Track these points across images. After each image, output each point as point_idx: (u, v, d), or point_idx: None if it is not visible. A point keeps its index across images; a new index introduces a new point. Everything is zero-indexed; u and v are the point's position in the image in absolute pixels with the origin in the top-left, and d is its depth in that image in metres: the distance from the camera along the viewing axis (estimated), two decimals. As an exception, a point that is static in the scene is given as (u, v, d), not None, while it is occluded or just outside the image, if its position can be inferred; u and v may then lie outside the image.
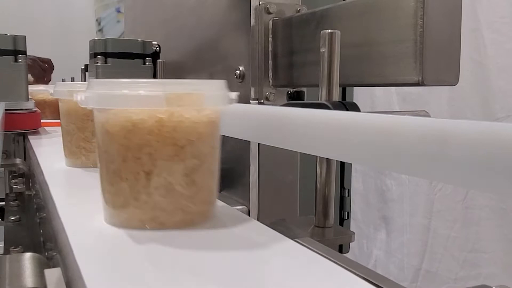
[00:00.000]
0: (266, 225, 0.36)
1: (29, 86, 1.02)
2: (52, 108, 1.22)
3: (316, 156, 0.49)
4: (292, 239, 0.33)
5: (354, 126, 0.29)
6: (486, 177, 0.20)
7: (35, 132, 0.92)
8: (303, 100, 0.70)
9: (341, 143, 0.30)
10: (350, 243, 0.60)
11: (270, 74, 0.73)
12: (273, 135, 0.37)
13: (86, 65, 1.16)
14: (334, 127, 0.31)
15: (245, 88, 0.75)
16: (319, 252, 0.34)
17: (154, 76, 0.93)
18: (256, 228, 0.36)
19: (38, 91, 1.23)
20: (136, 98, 0.33)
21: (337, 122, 0.30)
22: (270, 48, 0.73)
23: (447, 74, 0.51)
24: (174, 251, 0.31)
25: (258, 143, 0.69)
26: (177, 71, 1.00)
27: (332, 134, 0.31)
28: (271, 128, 0.37)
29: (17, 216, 0.80)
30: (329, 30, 0.47)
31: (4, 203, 0.92)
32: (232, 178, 0.80)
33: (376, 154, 0.27)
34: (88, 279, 0.25)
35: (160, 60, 0.90)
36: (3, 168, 0.94)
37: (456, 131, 0.22)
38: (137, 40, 0.96)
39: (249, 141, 0.68)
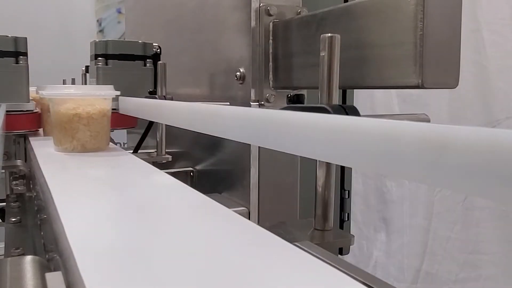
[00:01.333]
0: (266, 228, 0.36)
1: (39, 89, 1.00)
2: (99, 127, 0.66)
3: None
4: (291, 242, 0.33)
5: (354, 130, 0.29)
6: (485, 184, 0.20)
7: (36, 133, 0.92)
8: (303, 104, 0.70)
9: (340, 147, 0.30)
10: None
11: (271, 76, 0.73)
12: (273, 139, 0.37)
13: (87, 67, 1.16)
14: (333, 131, 0.31)
15: (246, 90, 0.75)
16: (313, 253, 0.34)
17: (155, 78, 0.93)
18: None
19: (65, 96, 0.66)
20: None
21: (337, 127, 0.31)
22: (271, 50, 0.73)
23: (447, 77, 0.51)
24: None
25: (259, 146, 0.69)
26: (178, 73, 1.00)
27: (332, 138, 0.31)
28: (271, 132, 0.37)
29: (18, 217, 0.80)
30: (329, 34, 0.47)
31: (4, 204, 0.92)
32: (232, 180, 0.80)
33: (375, 159, 0.27)
34: (89, 283, 0.25)
35: (160, 61, 0.90)
36: (4, 170, 0.94)
37: (456, 137, 0.22)
38: (138, 41, 0.96)
39: (250, 144, 0.68)
